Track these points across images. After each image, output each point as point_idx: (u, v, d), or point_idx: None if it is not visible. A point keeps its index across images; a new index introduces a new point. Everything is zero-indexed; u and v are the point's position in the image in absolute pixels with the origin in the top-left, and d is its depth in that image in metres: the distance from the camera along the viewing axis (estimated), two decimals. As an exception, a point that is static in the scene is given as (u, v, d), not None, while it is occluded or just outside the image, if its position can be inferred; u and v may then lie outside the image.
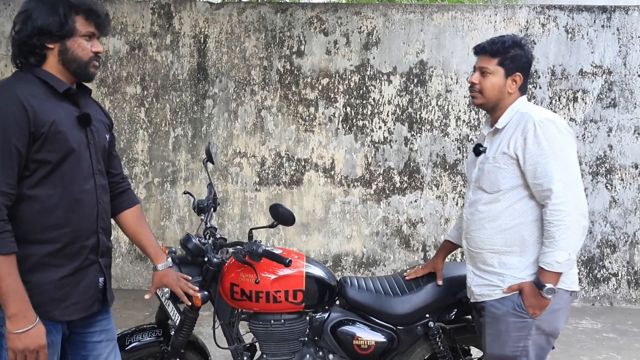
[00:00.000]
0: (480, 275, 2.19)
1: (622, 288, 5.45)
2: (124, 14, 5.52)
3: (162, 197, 5.62)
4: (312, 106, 5.50)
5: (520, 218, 2.08)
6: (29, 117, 1.58)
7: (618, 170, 5.40)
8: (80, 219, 1.74)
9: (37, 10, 1.67)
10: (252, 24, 5.49)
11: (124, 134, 5.58)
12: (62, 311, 1.72)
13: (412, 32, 5.43)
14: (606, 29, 5.35)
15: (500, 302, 2.10)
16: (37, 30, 1.66)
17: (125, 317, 4.52)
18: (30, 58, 1.69)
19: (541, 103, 5.39)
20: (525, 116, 2.07)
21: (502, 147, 2.10)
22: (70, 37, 1.69)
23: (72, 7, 1.69)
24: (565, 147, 2.01)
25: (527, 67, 2.18)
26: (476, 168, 2.23)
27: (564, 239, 1.94)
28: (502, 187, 2.09)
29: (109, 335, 1.96)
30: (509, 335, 2.08)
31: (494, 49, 2.14)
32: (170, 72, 5.54)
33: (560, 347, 4.10)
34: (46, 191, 1.66)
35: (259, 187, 5.57)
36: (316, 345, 2.55)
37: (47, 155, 1.64)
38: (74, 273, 1.74)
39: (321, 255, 5.56)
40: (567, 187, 1.96)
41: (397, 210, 5.53)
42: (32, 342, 1.57)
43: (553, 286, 1.98)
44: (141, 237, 2.08)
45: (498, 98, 2.16)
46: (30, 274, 1.64)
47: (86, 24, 1.73)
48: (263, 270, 2.40)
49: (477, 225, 2.18)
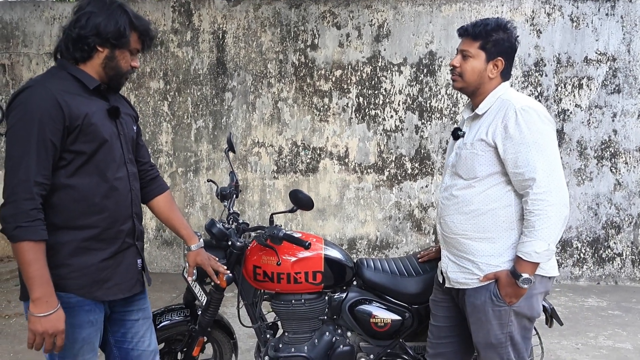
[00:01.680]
0: (455, 261, 2.07)
1: (626, 267, 5.39)
2: (146, 12, 5.52)
3: (185, 185, 5.65)
4: (326, 97, 5.48)
5: (494, 204, 1.95)
6: (64, 112, 1.61)
7: (622, 154, 5.32)
8: (115, 205, 1.77)
9: (101, 15, 1.69)
10: (268, 19, 5.46)
11: (148, 126, 5.61)
12: (105, 291, 1.76)
13: (422, 23, 5.37)
14: (610, 17, 5.24)
15: (478, 292, 1.99)
16: (97, 32, 1.68)
17: (154, 299, 4.56)
18: (78, 53, 1.71)
19: (547, 90, 5.32)
20: (505, 103, 1.93)
21: (480, 133, 1.96)
22: (121, 48, 1.74)
23: (132, 23, 1.74)
24: (546, 136, 1.87)
25: (510, 52, 2.00)
26: (453, 152, 2.09)
27: (544, 228, 1.82)
28: (478, 174, 1.96)
29: (145, 313, 1.99)
30: (490, 324, 1.98)
31: (476, 32, 1.97)
32: (191, 67, 5.55)
33: (567, 324, 4.08)
34: (82, 180, 1.68)
35: (276, 175, 5.58)
36: (335, 324, 2.56)
37: (82, 146, 1.66)
38: (114, 256, 1.78)
39: (337, 239, 5.57)
40: (550, 177, 1.84)
41: (408, 195, 5.51)
42: (52, 326, 1.58)
43: (529, 276, 1.86)
44: (174, 221, 2.10)
45: (478, 82, 2.00)
46: (72, 258, 1.68)
47: (138, 41, 1.78)
48: (284, 253, 2.41)
49: (450, 210, 2.05)
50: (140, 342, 1.95)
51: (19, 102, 1.60)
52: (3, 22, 5.63)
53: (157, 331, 2.45)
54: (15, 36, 5.64)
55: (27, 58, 5.65)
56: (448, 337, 2.24)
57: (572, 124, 5.34)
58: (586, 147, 5.34)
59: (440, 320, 2.26)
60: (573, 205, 5.36)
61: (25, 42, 5.64)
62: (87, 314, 1.73)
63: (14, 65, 5.68)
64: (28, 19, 5.62)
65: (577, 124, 5.34)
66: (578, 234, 5.40)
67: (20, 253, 1.55)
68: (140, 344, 1.95)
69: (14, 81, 5.69)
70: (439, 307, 2.26)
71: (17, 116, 1.60)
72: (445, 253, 2.15)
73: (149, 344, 1.98)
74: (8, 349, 3.59)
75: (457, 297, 2.14)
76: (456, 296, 2.14)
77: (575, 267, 5.42)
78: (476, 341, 2.07)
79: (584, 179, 5.35)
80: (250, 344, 3.54)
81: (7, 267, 5.27)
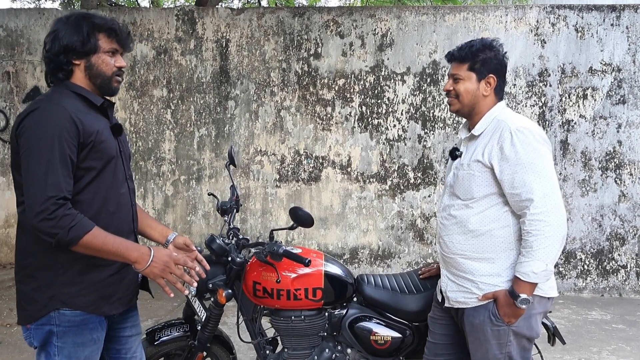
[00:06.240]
0: (455, 280, 2.07)
1: (630, 279, 5.35)
2: (150, 21, 5.53)
3: (188, 193, 5.65)
4: (329, 106, 5.47)
5: (492, 224, 1.96)
6: (79, 129, 1.63)
7: (627, 165, 5.29)
8: (119, 220, 1.80)
9: (63, 30, 1.72)
10: (271, 28, 5.47)
11: (151, 134, 5.62)
12: (111, 306, 1.79)
13: (425, 33, 5.36)
14: (615, 28, 5.22)
15: (477, 311, 1.99)
16: (64, 48, 1.71)
17: (155, 308, 4.57)
18: (59, 74, 1.74)
19: (551, 100, 5.29)
20: (501, 124, 1.94)
21: (476, 154, 1.97)
22: (94, 53, 1.74)
23: (94, 26, 1.74)
24: (542, 156, 1.87)
25: (500, 69, 2.03)
26: (451, 172, 2.11)
27: (541, 249, 1.82)
28: (475, 194, 1.97)
29: (137, 329, 2.03)
30: (489, 343, 1.97)
31: (462, 55, 2.02)
32: (194, 75, 5.55)
33: (571, 338, 4.04)
34: (90, 196, 1.70)
35: (279, 183, 5.57)
36: (335, 340, 2.54)
37: (93, 163, 1.69)
38: (120, 270, 1.80)
39: (339, 248, 5.55)
40: (546, 197, 1.83)
41: (411, 205, 5.49)
42: (163, 261, 1.69)
43: (527, 296, 1.86)
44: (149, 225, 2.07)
45: (473, 102, 2.03)
46: (82, 276, 1.71)
47: (109, 41, 1.77)
48: (283, 269, 2.40)
49: (449, 230, 2.06)
50: (133, 358, 1.99)
51: (34, 122, 1.61)
52: (8, 30, 5.65)
53: (156, 346, 2.45)
54: (20, 44, 5.66)
55: (31, 65, 5.67)
56: (444, 355, 2.24)
57: (577, 135, 5.31)
58: (590, 158, 5.31)
59: (437, 338, 2.25)
60: (577, 216, 5.33)
61: (29, 50, 5.66)
62: (91, 332, 1.76)
63: (19, 72, 5.69)
64: (32, 27, 5.64)
65: (581, 134, 5.31)
66: (582, 245, 5.36)
67: (89, 247, 1.60)
68: (133, 359, 1.99)
69: (18, 88, 5.71)
70: (437, 325, 2.25)
71: (35, 134, 1.60)
72: (444, 272, 2.15)
73: (140, 358, 2.02)
74: (9, 358, 3.58)
75: (456, 316, 2.13)
76: (455, 315, 2.13)
77: (579, 278, 5.39)
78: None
79: (588, 190, 5.32)
80: (250, 355, 3.53)
81: (9, 274, 5.28)
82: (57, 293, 1.68)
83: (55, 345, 1.69)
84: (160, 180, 5.65)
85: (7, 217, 5.82)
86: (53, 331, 1.69)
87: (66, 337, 1.71)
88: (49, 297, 1.68)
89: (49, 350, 1.71)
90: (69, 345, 1.70)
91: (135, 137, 5.62)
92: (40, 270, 1.69)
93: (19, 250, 1.74)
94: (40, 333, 1.71)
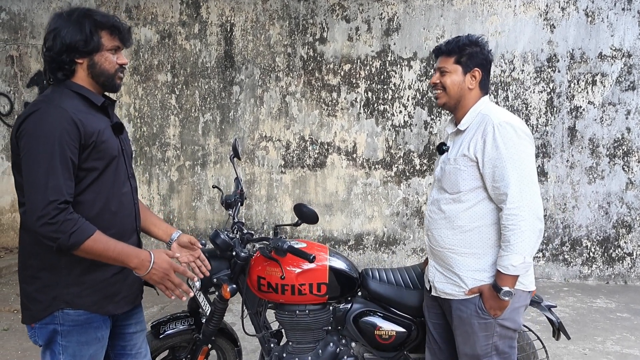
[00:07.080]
0: (442, 272, 2.13)
1: (636, 267, 5.33)
2: (154, 4, 5.46)
3: (193, 179, 5.64)
4: (334, 91, 5.42)
5: (480, 221, 2.02)
6: (80, 130, 1.61)
7: (635, 153, 5.22)
8: (122, 219, 1.79)
9: (65, 29, 1.67)
10: (276, 12, 5.38)
11: (156, 119, 5.59)
12: (115, 305, 1.79)
13: (432, 17, 5.27)
14: (627, 12, 5.11)
15: (464, 305, 2.06)
16: (66, 47, 1.66)
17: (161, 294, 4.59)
18: (58, 73, 1.70)
19: (560, 87, 5.22)
20: (485, 118, 1.99)
21: (462, 149, 2.02)
22: (97, 52, 1.71)
23: (97, 24, 1.70)
24: (522, 151, 1.92)
25: (485, 64, 2.09)
26: (439, 167, 2.16)
27: (518, 242, 1.88)
28: (462, 188, 2.02)
29: (142, 325, 2.03)
30: (476, 336, 2.04)
31: (449, 48, 2.08)
32: (198, 60, 5.50)
33: (575, 327, 4.05)
34: (93, 196, 1.69)
35: (284, 169, 5.55)
36: (339, 334, 2.54)
37: (95, 163, 1.67)
38: (123, 269, 1.79)
39: (344, 234, 5.55)
40: (522, 192, 1.88)
41: (416, 191, 5.46)
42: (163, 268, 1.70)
43: (510, 289, 1.92)
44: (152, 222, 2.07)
45: (459, 95, 2.08)
46: (85, 276, 1.70)
47: (111, 38, 1.73)
48: (288, 265, 2.39)
49: (438, 224, 2.12)
50: (138, 354, 2.00)
51: (34, 123, 1.59)
52: (11, 14, 5.60)
53: (161, 340, 2.46)
54: (24, 27, 5.61)
55: (35, 49, 5.63)
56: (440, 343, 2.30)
57: (585, 121, 5.24)
58: (598, 144, 5.25)
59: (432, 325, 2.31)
60: (584, 203, 5.29)
61: (33, 34, 5.61)
62: (95, 330, 1.75)
63: (22, 56, 5.66)
64: (36, 10, 5.58)
65: (589, 121, 5.24)
66: (588, 232, 5.33)
67: (90, 252, 1.60)
68: (138, 355, 2.00)
69: (22, 72, 5.68)
70: (432, 314, 2.31)
71: (36, 137, 1.58)
72: (432, 263, 2.21)
73: (145, 354, 2.03)
74: (16, 345, 3.63)
75: (443, 305, 2.20)
76: (442, 304, 2.20)
77: (585, 266, 5.37)
78: (463, 352, 2.12)
79: (595, 177, 5.27)
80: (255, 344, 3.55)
81: (16, 259, 5.31)
82: (61, 293, 1.68)
83: (60, 344, 1.70)
84: (165, 166, 5.64)
85: (13, 202, 5.84)
86: (57, 330, 1.69)
87: (70, 336, 1.71)
88: (53, 297, 1.68)
89: (53, 349, 1.72)
90: (73, 344, 1.70)
91: (140, 122, 5.59)
92: (43, 271, 1.68)
93: (21, 250, 1.73)
94: (45, 332, 1.71)
